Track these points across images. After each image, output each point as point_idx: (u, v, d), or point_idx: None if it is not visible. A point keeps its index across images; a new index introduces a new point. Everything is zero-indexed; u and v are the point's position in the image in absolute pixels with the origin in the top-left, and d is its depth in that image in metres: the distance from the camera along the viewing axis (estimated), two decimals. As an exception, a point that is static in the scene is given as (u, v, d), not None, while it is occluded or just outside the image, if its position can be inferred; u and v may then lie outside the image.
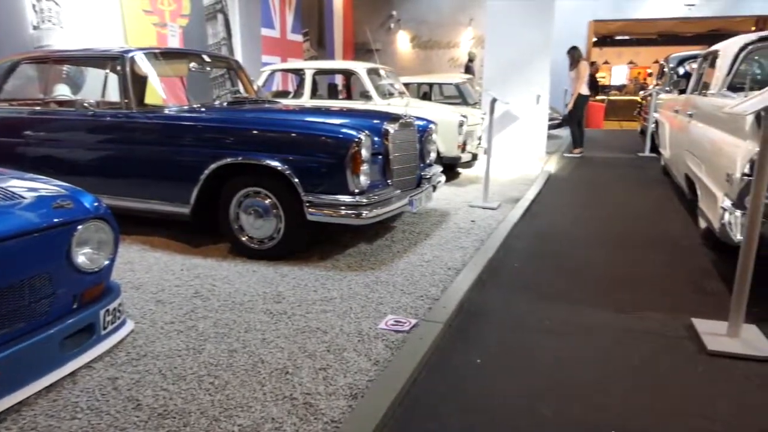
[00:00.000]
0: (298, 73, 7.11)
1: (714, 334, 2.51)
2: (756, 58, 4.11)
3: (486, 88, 7.62)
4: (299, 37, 11.17)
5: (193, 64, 4.27)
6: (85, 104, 3.84)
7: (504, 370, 2.29)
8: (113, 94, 4.06)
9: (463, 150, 6.36)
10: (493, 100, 5.24)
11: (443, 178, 4.62)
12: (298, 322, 2.63)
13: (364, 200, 3.33)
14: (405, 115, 4.11)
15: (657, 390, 2.13)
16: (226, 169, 3.49)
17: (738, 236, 2.68)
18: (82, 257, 2.03)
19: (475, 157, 6.78)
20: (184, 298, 2.92)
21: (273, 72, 7.38)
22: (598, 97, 17.34)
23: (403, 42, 15.22)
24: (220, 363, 2.23)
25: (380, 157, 3.72)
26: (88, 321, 2.05)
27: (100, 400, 1.96)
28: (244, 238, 3.58)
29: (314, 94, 6.74)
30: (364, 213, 3.31)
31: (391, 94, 6.58)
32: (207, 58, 4.48)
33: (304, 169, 3.33)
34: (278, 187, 3.43)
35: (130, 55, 3.84)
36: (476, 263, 3.49)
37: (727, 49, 4.10)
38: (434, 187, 4.35)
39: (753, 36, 3.96)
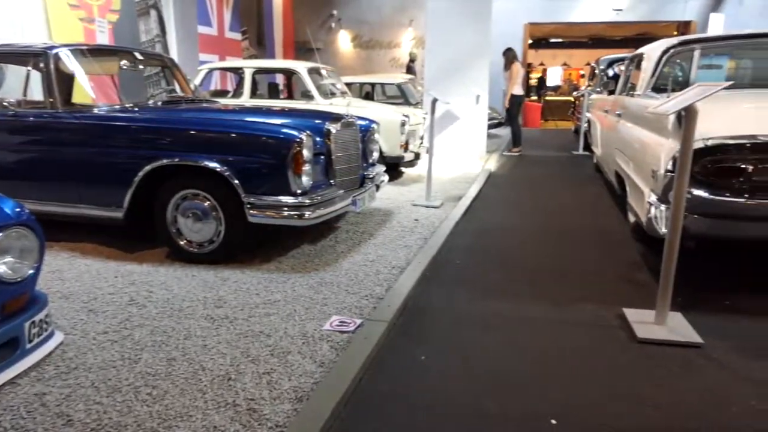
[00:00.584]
0: (237, 72, 6.96)
1: (643, 322, 2.65)
2: (678, 61, 4.36)
3: (427, 89, 7.72)
4: (238, 36, 10.93)
5: (124, 62, 4.09)
6: (5, 103, 3.60)
7: (448, 366, 2.33)
8: (37, 93, 3.83)
9: (406, 149, 6.42)
10: (434, 100, 5.31)
11: (386, 177, 4.65)
12: (240, 326, 2.57)
13: (307, 201, 3.30)
14: (347, 115, 4.10)
15: (592, 378, 2.23)
16: (162, 171, 3.37)
17: (663, 229, 2.84)
18: (2, 267, 1.90)
19: (417, 156, 6.86)
20: (119, 307, 2.79)
21: (211, 71, 7.19)
22: (533, 97, 17.97)
23: (344, 41, 15.20)
24: (158, 372, 2.15)
25: (322, 157, 3.69)
26: (12, 334, 1.92)
27: (26, 418, 1.85)
28: (182, 242, 3.47)
29: (254, 93, 6.62)
30: (307, 214, 3.28)
31: (333, 94, 6.55)
32: (139, 56, 4.30)
33: (245, 170, 3.26)
34: (218, 189, 3.34)
35: (55, 51, 3.63)
36: (420, 261, 3.53)
37: (651, 52, 4.34)
38: (377, 187, 4.36)
39: (674, 40, 4.21)
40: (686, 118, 2.35)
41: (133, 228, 3.62)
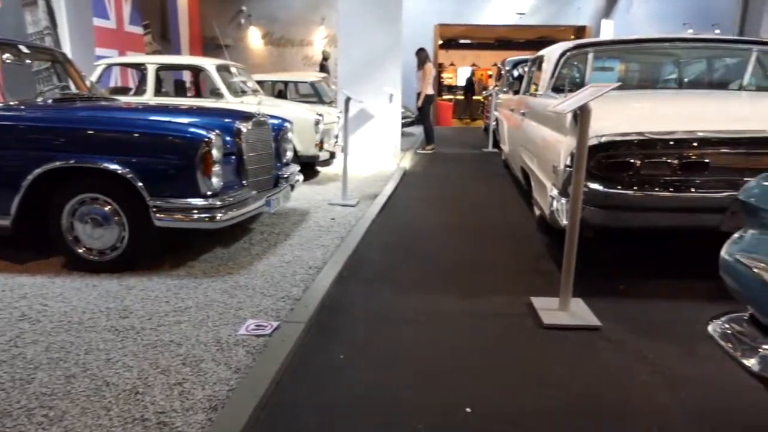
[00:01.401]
0: (139, 68, 6.59)
1: (548, 309, 2.81)
2: (575, 63, 4.66)
3: (341, 87, 7.72)
4: (139, 30, 10.34)
5: (7, 56, 3.73)
6: None
7: (367, 363, 2.34)
8: None
9: (321, 148, 6.38)
10: (348, 99, 5.32)
11: (301, 177, 4.59)
12: (148, 336, 2.44)
13: (218, 202, 3.19)
14: (258, 114, 4.00)
15: (503, 365, 2.33)
16: (56, 174, 3.12)
17: (564, 221, 3.02)
18: None
19: (332, 155, 6.84)
20: (8, 323, 2.55)
21: (109, 66, 6.75)
22: (445, 97, 18.48)
23: (254, 39, 14.83)
24: (55, 392, 1.99)
25: (233, 157, 3.58)
26: None
27: None
28: (81, 251, 3.23)
29: (159, 91, 6.30)
30: (219, 216, 3.16)
31: (243, 92, 6.38)
32: (25, 49, 3.95)
33: (150, 172, 3.09)
34: (119, 193, 3.14)
35: None
36: (337, 260, 3.52)
37: (550, 54, 4.60)
38: (292, 187, 4.30)
39: (570, 44, 4.49)
40: (581, 116, 2.51)
41: (23, 237, 3.33)
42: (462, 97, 20.03)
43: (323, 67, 12.61)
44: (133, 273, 3.21)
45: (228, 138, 3.52)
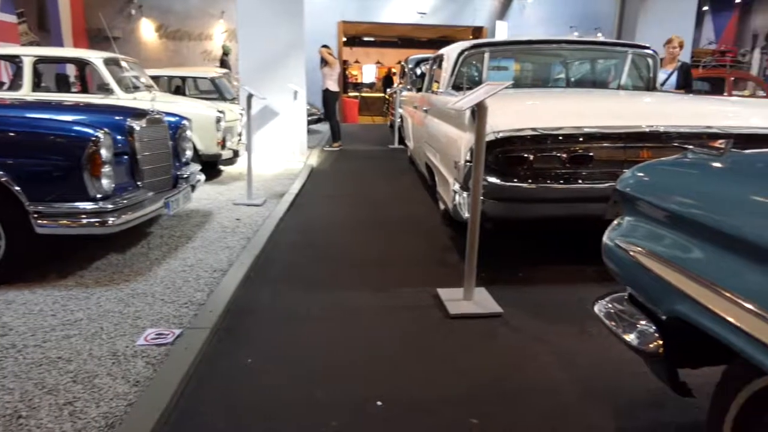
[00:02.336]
0: (14, 60, 5.98)
1: (454, 299, 2.91)
2: (474, 62, 4.85)
3: (243, 83, 7.49)
4: (12, 18, 9.41)
5: None
6: None
7: (276, 364, 2.30)
8: None
9: (223, 147, 6.16)
10: (250, 96, 5.17)
11: (203, 177, 4.41)
12: (32, 354, 2.23)
13: (110, 206, 2.98)
14: (152, 111, 3.79)
15: (413, 356, 2.38)
16: None
17: (466, 214, 3.13)
18: None
19: (236, 153, 6.62)
20: None
21: (-23, 58, 6.07)
22: (351, 94, 18.52)
23: (147, 31, 13.98)
24: None
25: (126, 157, 3.36)
26: None
27: None
28: (-53, 264, 2.89)
29: (38, 86, 5.77)
30: (111, 220, 2.96)
31: (136, 88, 6.00)
32: None
33: (28, 175, 2.83)
34: (-7, 198, 2.85)
35: None
36: (243, 262, 3.42)
37: (450, 53, 4.76)
38: (193, 187, 4.11)
39: (468, 43, 4.67)
40: (478, 113, 2.62)
41: None
42: (380, 94, 20.10)
43: (224, 63, 12.16)
44: (11, 286, 2.92)
45: (119, 137, 3.30)
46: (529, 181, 3.07)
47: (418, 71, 9.51)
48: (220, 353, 2.37)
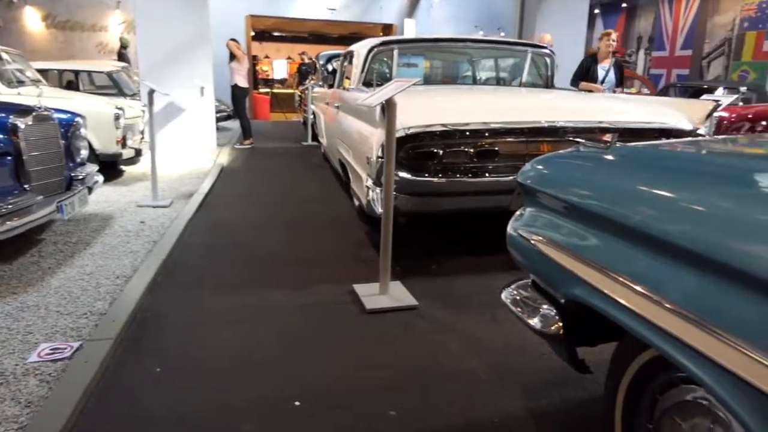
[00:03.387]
0: None
1: (370, 294, 2.93)
2: (384, 59, 4.89)
3: (143, 78, 7.08)
4: None
5: None
6: None
7: (187, 371, 2.20)
8: None
9: (124, 146, 5.80)
10: (151, 91, 4.90)
11: (101, 178, 4.12)
12: None
13: (-8, 212, 2.71)
14: (39, 107, 3.48)
15: (330, 354, 2.37)
16: None
17: (379, 209, 3.17)
18: None
19: (138, 152, 6.25)
20: None
21: None
22: (262, 90, 18.08)
23: (32, 21, 12.83)
24: None
25: (9, 158, 3.07)
26: None
27: None
28: None
29: None
30: (-6, 227, 2.70)
31: (21, 83, 5.51)
32: None
33: None
34: None
35: None
36: (149, 266, 3.24)
37: (360, 50, 4.77)
38: (90, 189, 3.84)
39: (377, 40, 4.70)
40: (387, 109, 2.65)
41: None
42: (292, 91, 19.67)
43: (122, 56, 11.42)
44: None
45: (1, 135, 3.01)
46: (440, 175, 3.15)
47: (330, 67, 9.47)
48: (125, 364, 2.23)
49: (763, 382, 0.83)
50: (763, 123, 6.84)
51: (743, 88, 7.67)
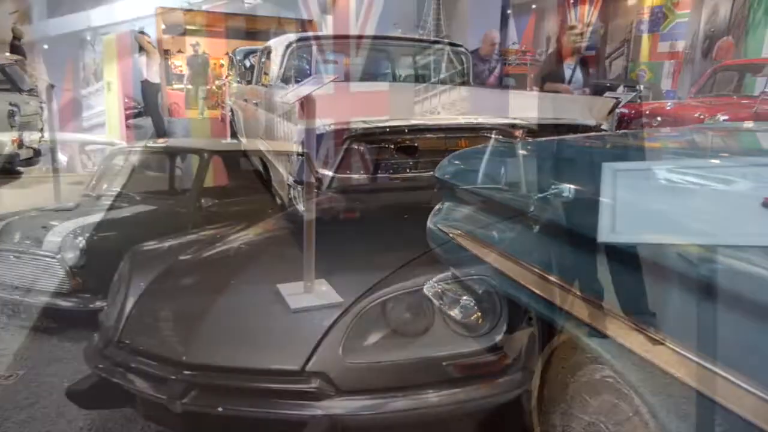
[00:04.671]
0: None
1: (295, 294, 2.87)
2: (304, 55, 4.83)
3: (40, 72, 6.56)
4: None
5: None
6: None
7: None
8: None
9: (20, 145, 5.37)
10: (50, 86, 4.55)
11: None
12: None
13: None
14: None
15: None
16: None
17: (302, 207, 3.13)
18: None
19: (38, 152, 5.80)
20: None
21: None
22: (176, 86, 17.29)
23: None
24: None
25: None
26: None
27: None
28: None
29: None
30: None
31: None
32: None
33: None
34: None
35: None
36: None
37: (278, 46, 4.69)
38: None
39: (294, 36, 4.65)
40: (306, 106, 2.62)
41: None
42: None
43: (16, 48, 10.51)
44: None
45: None
46: (361, 172, 3.16)
47: (247, 63, 9.21)
48: None
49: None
50: (659, 119, 7.44)
51: (640, 87, 8.30)
